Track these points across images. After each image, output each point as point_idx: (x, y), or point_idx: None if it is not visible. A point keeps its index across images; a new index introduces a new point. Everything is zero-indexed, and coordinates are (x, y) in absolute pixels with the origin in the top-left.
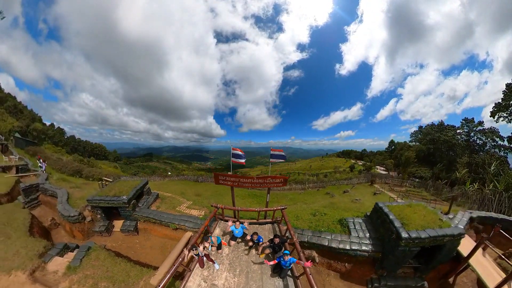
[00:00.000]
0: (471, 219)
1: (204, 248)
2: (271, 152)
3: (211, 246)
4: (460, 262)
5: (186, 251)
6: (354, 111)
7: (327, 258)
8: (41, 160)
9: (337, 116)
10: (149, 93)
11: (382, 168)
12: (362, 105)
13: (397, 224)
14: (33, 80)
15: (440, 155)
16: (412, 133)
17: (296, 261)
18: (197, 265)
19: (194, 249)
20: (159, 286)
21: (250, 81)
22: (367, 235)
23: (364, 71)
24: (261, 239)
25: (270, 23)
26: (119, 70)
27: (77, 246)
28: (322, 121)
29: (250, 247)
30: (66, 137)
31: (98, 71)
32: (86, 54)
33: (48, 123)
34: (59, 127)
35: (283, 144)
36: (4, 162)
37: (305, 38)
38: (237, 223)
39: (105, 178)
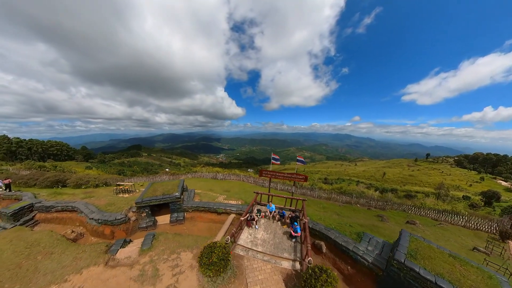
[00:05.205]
0: None
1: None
2: (297, 158)
3: (255, 215)
4: None
5: (243, 218)
6: None
7: (333, 254)
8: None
9: (482, 69)
10: (117, 60)
11: None
12: None
13: (401, 249)
14: None
15: None
16: None
17: (300, 229)
18: (246, 226)
19: (248, 216)
20: (233, 235)
21: (279, 16)
22: (377, 252)
23: None
24: (284, 214)
25: None
26: (46, 27)
27: (131, 240)
28: (432, 83)
29: (278, 220)
30: None
31: None
32: None
33: None
34: None
35: (337, 130)
36: None
37: None
38: (270, 203)
39: (121, 183)
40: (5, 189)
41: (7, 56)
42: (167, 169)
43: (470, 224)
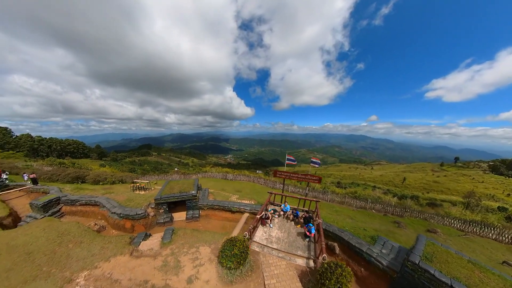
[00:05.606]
0: None
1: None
2: (311, 160)
3: (271, 214)
4: None
5: (258, 216)
6: None
7: (346, 255)
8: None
9: None
10: (128, 63)
11: None
12: None
13: (416, 251)
14: None
15: None
16: None
17: (315, 230)
18: (260, 225)
19: (264, 214)
20: (252, 228)
21: (288, 12)
22: (391, 255)
23: None
24: (298, 214)
25: None
26: (63, 33)
27: (150, 234)
28: (462, 77)
29: (291, 220)
30: (14, 136)
31: (22, 38)
32: None
33: None
34: None
35: (351, 131)
36: None
37: None
38: (286, 203)
39: (136, 181)
40: (31, 184)
41: (30, 61)
42: (176, 169)
43: (504, 238)
